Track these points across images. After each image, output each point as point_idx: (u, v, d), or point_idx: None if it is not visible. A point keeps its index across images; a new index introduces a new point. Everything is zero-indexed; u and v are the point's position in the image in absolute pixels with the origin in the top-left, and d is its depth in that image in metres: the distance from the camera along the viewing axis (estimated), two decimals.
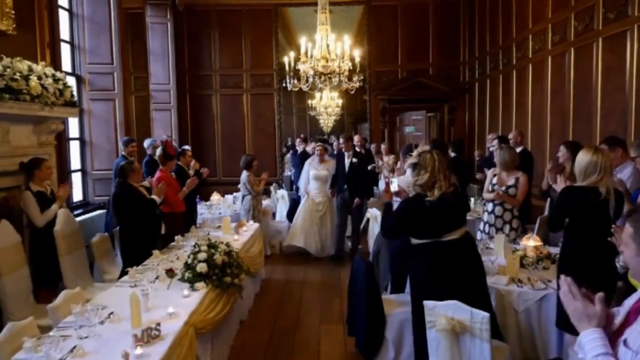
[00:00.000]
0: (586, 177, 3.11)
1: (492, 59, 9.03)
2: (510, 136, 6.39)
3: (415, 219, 3.10)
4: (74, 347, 2.50)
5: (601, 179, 3.08)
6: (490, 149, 7.25)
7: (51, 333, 2.74)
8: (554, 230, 3.68)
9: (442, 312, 2.78)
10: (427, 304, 2.82)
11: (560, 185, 3.59)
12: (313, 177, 7.15)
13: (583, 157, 3.14)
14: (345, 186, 6.86)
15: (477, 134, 9.90)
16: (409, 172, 4.16)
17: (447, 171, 3.08)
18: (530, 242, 4.02)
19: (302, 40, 6.62)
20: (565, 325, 3.14)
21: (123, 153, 6.50)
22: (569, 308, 1.46)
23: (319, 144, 7.52)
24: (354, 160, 6.85)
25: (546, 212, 5.59)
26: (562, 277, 1.48)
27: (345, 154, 6.96)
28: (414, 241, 3.19)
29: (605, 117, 5.47)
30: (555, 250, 4.07)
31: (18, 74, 4.20)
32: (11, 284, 3.81)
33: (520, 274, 3.66)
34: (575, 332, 2.97)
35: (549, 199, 5.21)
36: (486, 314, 2.66)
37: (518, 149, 5.65)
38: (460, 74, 10.60)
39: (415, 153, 3.19)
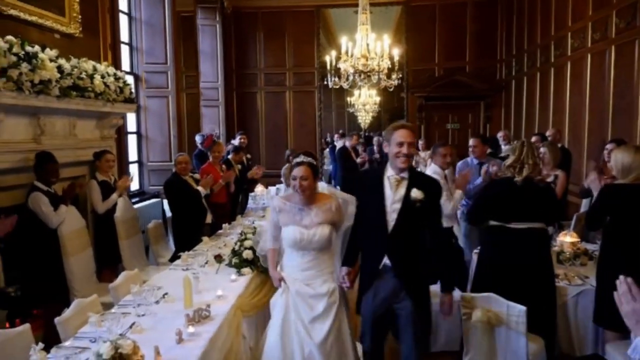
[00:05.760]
0: (630, 174, 2.98)
1: (530, 57, 8.70)
2: (549, 133, 6.16)
3: (497, 194, 3.15)
4: (133, 324, 2.60)
5: None
6: (502, 147, 7.03)
7: (113, 310, 2.85)
8: (593, 229, 3.54)
9: (478, 304, 2.73)
10: (464, 295, 2.77)
11: (594, 182, 3.45)
12: (294, 243, 2.80)
13: (626, 156, 3.00)
14: (386, 260, 2.65)
15: (513, 131, 9.59)
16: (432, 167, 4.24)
17: (536, 159, 3.12)
18: (567, 239, 3.89)
19: (343, 40, 6.58)
20: (604, 321, 3.02)
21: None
22: (625, 309, 1.33)
23: (303, 158, 2.88)
24: (415, 196, 2.58)
25: (582, 210, 5.37)
26: (622, 277, 1.36)
27: (391, 174, 2.65)
28: (489, 223, 3.21)
29: None
30: (592, 247, 3.91)
31: (84, 73, 4.37)
32: (77, 264, 3.99)
33: (557, 269, 3.53)
34: (614, 328, 2.87)
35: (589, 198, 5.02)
36: (523, 308, 2.59)
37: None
38: (497, 72, 10.28)
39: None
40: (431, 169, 4.26)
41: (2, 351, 2.30)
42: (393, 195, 2.62)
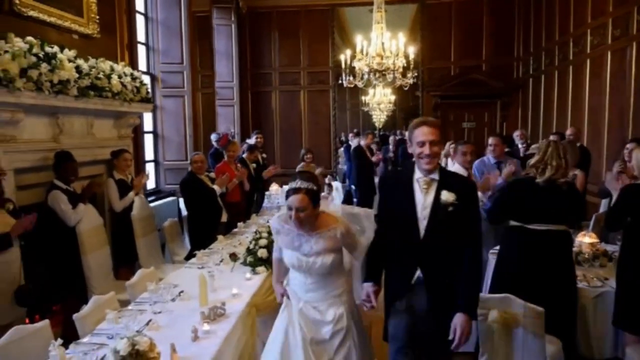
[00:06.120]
0: None
1: (548, 55, 8.57)
2: (569, 132, 6.05)
3: (517, 194, 3.12)
4: (149, 321, 2.63)
5: None
6: (519, 146, 6.93)
7: (129, 307, 2.89)
8: (612, 230, 3.48)
9: (494, 305, 2.70)
10: (480, 296, 2.74)
11: (611, 182, 3.39)
12: (293, 267, 2.60)
13: None
14: (419, 273, 2.37)
15: (530, 131, 9.47)
16: (455, 166, 4.24)
17: (561, 161, 3.03)
18: (586, 239, 3.82)
19: (358, 39, 6.57)
20: (623, 324, 2.96)
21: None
22: None
23: (300, 183, 2.41)
24: (445, 199, 2.30)
25: (602, 210, 5.27)
26: None
27: (419, 177, 2.37)
28: (509, 223, 3.20)
29: None
30: (611, 248, 3.84)
31: (102, 73, 4.43)
32: (95, 261, 4.05)
33: (576, 270, 3.47)
34: (635, 331, 2.81)
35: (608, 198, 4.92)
36: (541, 309, 2.55)
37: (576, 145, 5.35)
38: (514, 70, 10.15)
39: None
40: (453, 169, 4.24)
41: (23, 346, 2.35)
42: (424, 199, 2.34)
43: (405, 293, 2.38)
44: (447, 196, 2.28)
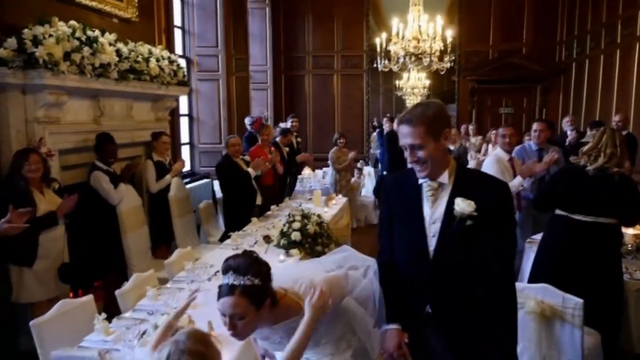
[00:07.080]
0: None
1: (593, 38, 8.19)
2: (617, 118, 5.80)
3: (565, 182, 3.06)
4: None
5: None
6: (568, 132, 6.68)
7: (168, 285, 2.98)
8: None
9: (531, 295, 2.65)
10: (517, 285, 2.69)
11: None
12: (271, 349, 2.01)
13: None
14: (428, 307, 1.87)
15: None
16: (497, 150, 4.13)
17: (616, 150, 2.92)
18: (629, 230, 3.68)
19: (394, 21, 6.45)
20: None
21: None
22: None
23: (233, 277, 1.74)
24: (460, 209, 1.73)
25: None
26: None
27: (424, 181, 1.82)
28: (555, 211, 3.14)
29: None
30: None
31: (140, 56, 4.51)
32: (134, 240, 4.19)
33: None
34: None
35: None
36: (579, 300, 2.49)
37: (623, 133, 5.12)
38: (556, 54, 9.76)
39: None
40: (495, 153, 4.16)
41: (70, 318, 2.47)
42: (432, 210, 1.80)
43: (414, 331, 1.86)
44: (462, 206, 1.71)
